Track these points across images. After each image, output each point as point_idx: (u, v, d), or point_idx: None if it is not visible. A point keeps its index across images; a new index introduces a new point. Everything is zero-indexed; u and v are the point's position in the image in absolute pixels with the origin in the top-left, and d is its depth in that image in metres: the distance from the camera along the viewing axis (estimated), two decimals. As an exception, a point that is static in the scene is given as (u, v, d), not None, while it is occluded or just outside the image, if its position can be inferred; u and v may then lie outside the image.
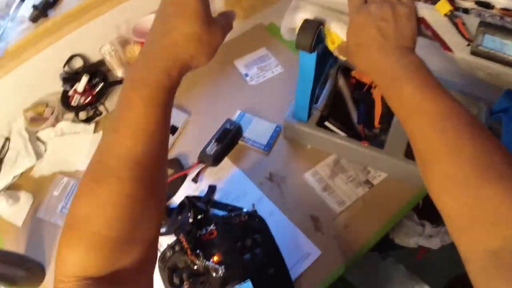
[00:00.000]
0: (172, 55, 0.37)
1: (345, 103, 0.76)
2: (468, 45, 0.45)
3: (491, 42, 0.43)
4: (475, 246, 0.33)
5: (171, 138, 0.83)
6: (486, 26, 0.43)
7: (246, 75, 0.91)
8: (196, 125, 0.85)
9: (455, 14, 0.46)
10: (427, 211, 1.20)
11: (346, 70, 0.78)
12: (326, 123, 0.70)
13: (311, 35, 0.51)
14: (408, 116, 0.41)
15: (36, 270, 0.74)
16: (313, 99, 0.70)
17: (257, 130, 0.79)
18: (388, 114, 0.73)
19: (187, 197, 0.60)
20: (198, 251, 0.56)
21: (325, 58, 0.71)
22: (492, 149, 0.36)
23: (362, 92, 0.76)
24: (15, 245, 0.74)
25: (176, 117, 0.85)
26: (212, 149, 0.75)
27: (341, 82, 0.76)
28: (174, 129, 0.84)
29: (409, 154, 0.66)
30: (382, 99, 0.74)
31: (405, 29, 0.44)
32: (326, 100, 0.74)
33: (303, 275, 0.63)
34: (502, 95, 0.76)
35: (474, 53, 0.44)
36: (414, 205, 0.70)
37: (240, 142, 0.79)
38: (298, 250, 0.65)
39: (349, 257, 0.64)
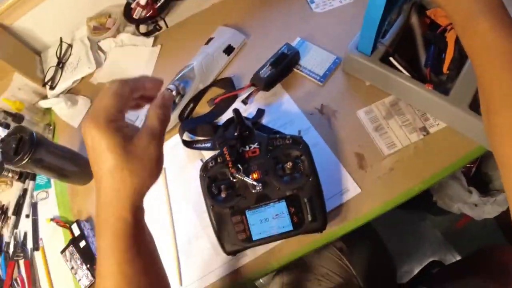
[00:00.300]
0: (110, 199, 0.36)
1: (414, 43, 0.70)
2: None
3: None
4: None
5: (226, 58, 0.82)
6: None
7: (312, 1, 0.85)
8: (254, 47, 0.83)
9: None
10: (477, 179, 1.14)
11: (421, 7, 0.71)
12: (391, 59, 0.65)
13: None
14: (479, 54, 0.39)
15: (87, 167, 0.79)
16: (381, 32, 0.65)
17: (315, 60, 0.76)
18: (459, 61, 0.67)
19: (235, 110, 0.60)
20: (239, 165, 0.57)
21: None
22: None
23: (435, 34, 0.69)
24: (70, 144, 0.80)
25: (233, 38, 0.83)
26: (265, 72, 0.73)
27: (414, 19, 0.69)
28: (230, 49, 0.82)
29: (474, 106, 0.61)
30: (456, 43, 0.67)
31: None
32: (395, 36, 0.68)
33: (338, 209, 0.63)
34: None
35: None
36: (469, 161, 0.65)
37: (295, 70, 0.76)
38: (338, 184, 0.64)
39: (388, 201, 0.62)
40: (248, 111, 0.74)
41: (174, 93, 0.74)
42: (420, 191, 0.63)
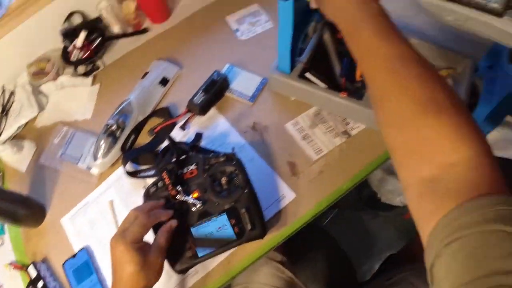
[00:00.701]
0: None
1: (329, 57, 0.78)
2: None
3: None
4: (414, 173, 0.37)
5: (162, 90, 0.86)
6: None
7: (237, 30, 0.93)
8: (187, 77, 0.89)
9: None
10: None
11: (333, 25, 0.80)
12: (307, 75, 0.73)
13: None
14: (364, 57, 0.45)
15: (38, 210, 0.80)
16: (295, 51, 0.72)
17: (244, 83, 0.82)
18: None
19: (169, 137, 0.64)
20: (179, 187, 0.61)
21: (308, 13, 0.73)
22: (437, 88, 0.38)
23: (347, 47, 0.78)
24: (19, 189, 0.81)
25: (167, 70, 0.88)
26: (199, 98, 0.79)
27: (326, 36, 0.78)
28: (165, 81, 0.87)
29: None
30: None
31: None
32: (311, 54, 0.76)
33: (277, 215, 0.68)
34: (487, 52, 0.77)
35: (436, -4, 0.46)
36: (388, 157, 0.73)
37: (227, 93, 0.82)
38: (275, 192, 0.70)
39: (321, 201, 0.68)
40: (187, 136, 0.79)
41: (114, 127, 0.78)
42: (349, 188, 0.70)
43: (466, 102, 0.73)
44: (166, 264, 0.59)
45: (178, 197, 0.60)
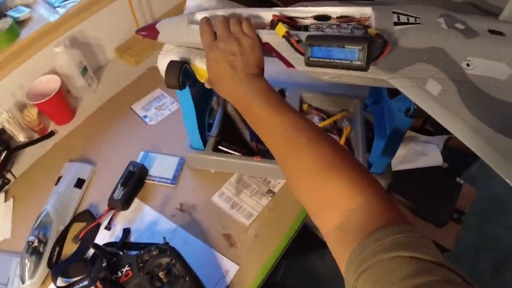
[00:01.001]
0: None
1: (237, 126, 0.83)
2: (304, 57, 0.54)
3: (319, 51, 0.51)
4: (326, 223, 0.41)
5: (79, 192, 0.83)
6: (311, 39, 0.51)
7: (145, 116, 0.94)
8: (103, 173, 0.86)
9: (290, 34, 0.54)
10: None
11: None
12: (220, 147, 0.76)
13: (176, 75, 0.57)
14: (261, 131, 0.50)
15: None
16: (204, 127, 0.76)
17: (162, 166, 0.83)
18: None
19: (94, 245, 0.62)
20: (115, 294, 0.57)
21: (209, 90, 0.77)
22: (326, 147, 0.44)
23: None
24: None
25: (81, 170, 0.86)
26: (119, 193, 0.77)
27: (230, 107, 0.84)
28: (81, 182, 0.84)
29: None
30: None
31: (251, 59, 0.52)
32: (219, 127, 0.80)
33: (226, 291, 0.67)
34: (369, 91, 0.88)
35: (308, 64, 0.52)
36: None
37: (147, 181, 0.82)
38: (218, 269, 0.69)
39: (265, 263, 0.69)
40: (114, 234, 0.76)
41: (36, 243, 0.72)
42: (288, 242, 0.72)
43: (364, 136, 0.82)
44: None
45: (117, 305, 0.57)
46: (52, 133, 0.97)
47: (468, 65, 0.54)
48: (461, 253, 1.58)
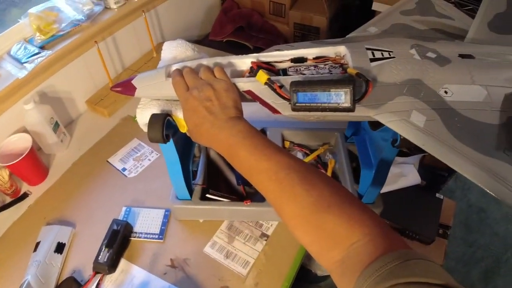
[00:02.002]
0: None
1: (221, 171, 0.81)
2: (290, 104, 0.54)
3: (304, 97, 0.51)
4: (330, 261, 0.40)
5: (61, 257, 0.77)
6: (296, 85, 0.51)
7: (124, 169, 0.91)
8: (84, 235, 0.81)
9: (272, 80, 0.54)
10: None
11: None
12: (208, 195, 0.74)
13: (159, 128, 0.55)
14: (249, 175, 0.48)
15: None
16: (189, 177, 0.74)
17: (147, 221, 0.79)
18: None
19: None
20: None
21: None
22: (320, 186, 0.43)
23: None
24: None
25: (60, 233, 0.80)
26: (104, 256, 0.73)
27: (212, 153, 0.82)
28: (61, 247, 0.79)
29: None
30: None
31: (228, 102, 0.52)
32: (204, 174, 0.78)
33: None
34: (348, 123, 0.89)
35: (294, 110, 0.52)
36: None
37: (132, 238, 0.78)
38: (218, 326, 0.65)
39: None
40: (103, 302, 0.70)
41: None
42: (290, 285, 0.70)
43: (350, 168, 0.82)
44: None
45: None
46: (25, 195, 0.92)
47: (446, 92, 0.56)
48: (452, 266, 1.59)
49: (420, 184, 1.35)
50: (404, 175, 1.35)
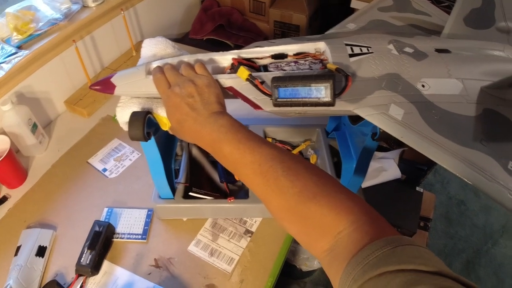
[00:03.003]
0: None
1: (204, 168, 0.81)
2: (271, 99, 0.54)
3: (285, 92, 0.52)
4: (319, 251, 0.41)
5: (42, 261, 0.76)
6: (277, 81, 0.51)
7: (105, 169, 0.89)
8: (66, 237, 0.80)
9: (253, 76, 0.54)
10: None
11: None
12: (191, 193, 0.73)
13: (140, 126, 0.54)
14: (235, 169, 0.48)
15: None
16: (171, 176, 0.73)
17: (129, 222, 0.78)
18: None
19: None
20: None
21: (172, 136, 0.75)
22: (305, 176, 0.43)
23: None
24: None
25: (41, 236, 0.78)
26: (87, 258, 0.71)
27: (195, 151, 0.81)
28: (42, 250, 0.77)
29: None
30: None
31: (210, 97, 0.51)
32: (186, 172, 0.78)
33: None
34: (329, 118, 0.90)
35: (276, 105, 0.52)
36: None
37: (115, 239, 0.76)
38: (204, 324, 0.65)
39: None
40: (86, 305, 0.69)
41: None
42: (274, 282, 0.70)
43: (330, 162, 0.83)
44: None
45: None
46: (4, 198, 0.89)
47: (423, 86, 0.57)
48: (433, 259, 1.63)
49: (400, 178, 1.37)
50: (384, 169, 1.37)
